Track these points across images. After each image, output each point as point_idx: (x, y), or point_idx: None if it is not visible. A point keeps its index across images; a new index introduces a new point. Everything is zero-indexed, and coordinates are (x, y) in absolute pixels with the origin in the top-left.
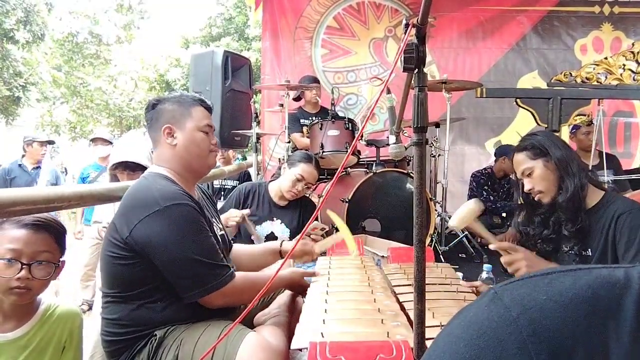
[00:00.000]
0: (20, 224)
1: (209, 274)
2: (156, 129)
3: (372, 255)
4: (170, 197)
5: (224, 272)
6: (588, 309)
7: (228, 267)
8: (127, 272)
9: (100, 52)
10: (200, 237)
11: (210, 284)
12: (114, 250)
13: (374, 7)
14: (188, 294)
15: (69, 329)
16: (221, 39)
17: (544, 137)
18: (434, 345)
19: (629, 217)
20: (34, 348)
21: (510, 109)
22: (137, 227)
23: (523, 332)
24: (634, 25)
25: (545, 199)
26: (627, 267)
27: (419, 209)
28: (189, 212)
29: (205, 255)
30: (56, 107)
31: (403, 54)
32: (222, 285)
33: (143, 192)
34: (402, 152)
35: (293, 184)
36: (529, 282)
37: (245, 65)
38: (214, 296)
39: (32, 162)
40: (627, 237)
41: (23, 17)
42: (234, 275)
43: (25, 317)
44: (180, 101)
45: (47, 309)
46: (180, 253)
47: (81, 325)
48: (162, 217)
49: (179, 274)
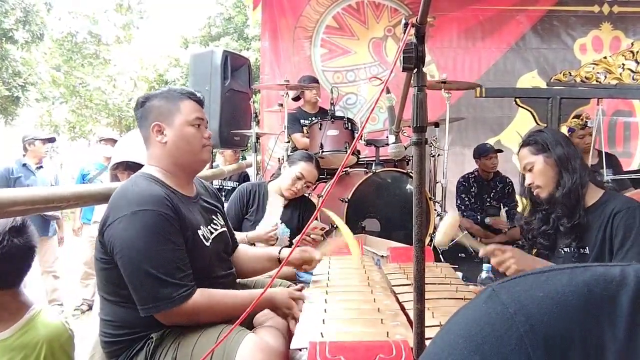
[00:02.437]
0: None
1: (160, 291)
2: (146, 127)
3: (372, 255)
4: (142, 202)
5: (179, 291)
6: (584, 305)
7: (186, 285)
8: (112, 275)
9: (100, 52)
10: (159, 249)
11: (161, 302)
12: (98, 253)
13: (374, 7)
14: (141, 307)
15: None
16: (220, 38)
17: (549, 134)
18: (433, 343)
19: (625, 215)
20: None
21: (510, 108)
22: (107, 230)
23: (520, 329)
24: (633, 25)
25: (543, 194)
26: (623, 265)
27: (419, 209)
28: (155, 221)
29: (160, 270)
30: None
31: (402, 53)
32: (175, 305)
33: (120, 195)
34: (402, 151)
35: (293, 182)
36: (526, 280)
37: (244, 65)
38: (166, 314)
39: (36, 161)
40: (622, 234)
41: (22, 16)
42: (190, 295)
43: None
44: (167, 96)
45: (32, 318)
46: (135, 263)
47: (67, 343)
48: (127, 221)
49: (132, 285)
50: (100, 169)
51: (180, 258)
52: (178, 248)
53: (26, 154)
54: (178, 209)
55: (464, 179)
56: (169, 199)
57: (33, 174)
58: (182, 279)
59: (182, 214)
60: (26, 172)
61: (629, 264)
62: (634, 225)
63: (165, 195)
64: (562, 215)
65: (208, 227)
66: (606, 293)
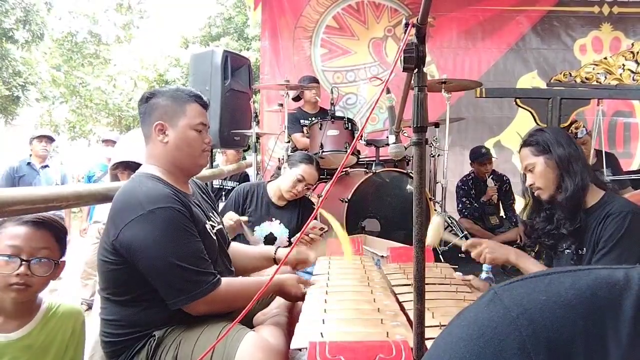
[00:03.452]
0: (20, 222)
1: (191, 281)
2: (148, 124)
3: (372, 255)
4: (155, 200)
5: (208, 279)
6: (587, 309)
7: (213, 274)
8: (119, 276)
9: (100, 51)
10: (183, 242)
11: (193, 292)
12: (105, 253)
13: (374, 7)
14: (171, 300)
15: (72, 328)
16: (220, 38)
17: (550, 134)
18: (435, 345)
19: (616, 218)
20: (37, 348)
21: (510, 109)
22: (122, 231)
23: (522, 332)
24: (633, 25)
25: (544, 195)
26: (627, 268)
27: (419, 209)
28: (173, 216)
29: (188, 262)
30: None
31: (403, 53)
32: (205, 293)
33: (129, 195)
34: (402, 152)
35: (293, 184)
36: (528, 283)
37: (244, 65)
38: (196, 304)
39: (39, 160)
40: (607, 236)
41: (22, 16)
42: (218, 283)
43: (28, 316)
44: (174, 96)
45: (50, 308)
46: (162, 258)
47: (83, 323)
48: (145, 221)
49: (161, 280)
50: (105, 170)
51: (201, 249)
52: (198, 240)
53: (32, 154)
54: (186, 204)
55: (462, 182)
56: (175, 196)
57: (37, 173)
58: (208, 268)
59: (190, 208)
60: (30, 171)
61: (633, 267)
62: (621, 229)
63: (171, 192)
64: (565, 219)
65: (208, 222)
66: (610, 297)
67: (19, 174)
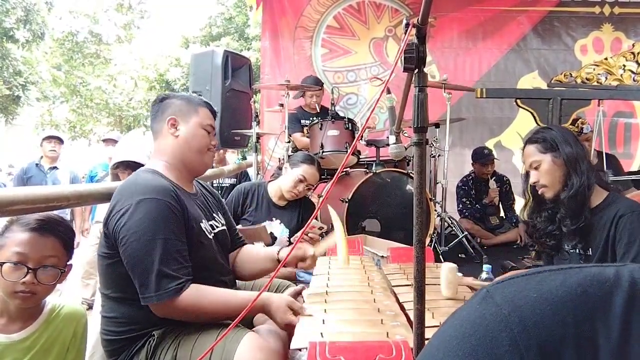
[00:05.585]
0: (27, 227)
1: (155, 281)
2: (160, 120)
3: (372, 255)
4: (145, 191)
5: (171, 283)
6: (577, 306)
7: (178, 278)
8: (115, 271)
9: (100, 51)
10: (159, 238)
11: (153, 293)
12: (102, 248)
13: (374, 7)
14: (141, 295)
15: (74, 330)
16: (221, 38)
17: (558, 132)
18: (429, 344)
19: (630, 219)
20: (39, 349)
21: (510, 109)
22: (111, 220)
23: (514, 329)
24: (634, 26)
25: (548, 193)
26: (617, 265)
27: (419, 209)
28: (158, 208)
29: (158, 259)
30: (56, 106)
31: (403, 53)
32: (164, 297)
33: (124, 187)
34: (402, 152)
35: (295, 184)
36: (520, 281)
37: (245, 65)
38: (156, 306)
39: (48, 161)
40: (627, 239)
41: (23, 16)
42: (180, 290)
43: (31, 318)
44: (188, 99)
45: (53, 309)
46: (136, 250)
47: (86, 325)
48: (131, 211)
49: (134, 273)
50: (107, 169)
51: (179, 250)
52: (177, 240)
53: (42, 155)
54: (182, 201)
55: (463, 182)
56: (173, 191)
57: (45, 174)
58: (177, 271)
59: (185, 206)
60: (38, 173)
61: (623, 265)
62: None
63: (168, 186)
64: (567, 217)
65: (209, 222)
66: (600, 294)
67: (27, 175)
